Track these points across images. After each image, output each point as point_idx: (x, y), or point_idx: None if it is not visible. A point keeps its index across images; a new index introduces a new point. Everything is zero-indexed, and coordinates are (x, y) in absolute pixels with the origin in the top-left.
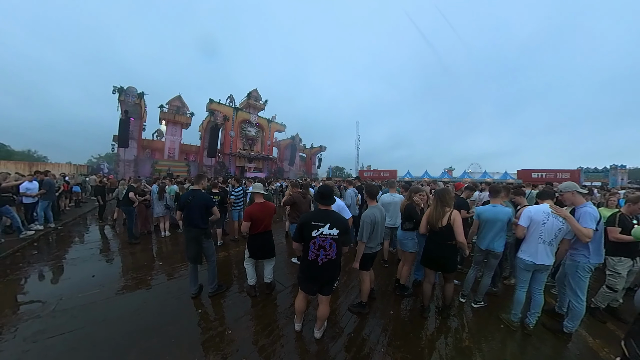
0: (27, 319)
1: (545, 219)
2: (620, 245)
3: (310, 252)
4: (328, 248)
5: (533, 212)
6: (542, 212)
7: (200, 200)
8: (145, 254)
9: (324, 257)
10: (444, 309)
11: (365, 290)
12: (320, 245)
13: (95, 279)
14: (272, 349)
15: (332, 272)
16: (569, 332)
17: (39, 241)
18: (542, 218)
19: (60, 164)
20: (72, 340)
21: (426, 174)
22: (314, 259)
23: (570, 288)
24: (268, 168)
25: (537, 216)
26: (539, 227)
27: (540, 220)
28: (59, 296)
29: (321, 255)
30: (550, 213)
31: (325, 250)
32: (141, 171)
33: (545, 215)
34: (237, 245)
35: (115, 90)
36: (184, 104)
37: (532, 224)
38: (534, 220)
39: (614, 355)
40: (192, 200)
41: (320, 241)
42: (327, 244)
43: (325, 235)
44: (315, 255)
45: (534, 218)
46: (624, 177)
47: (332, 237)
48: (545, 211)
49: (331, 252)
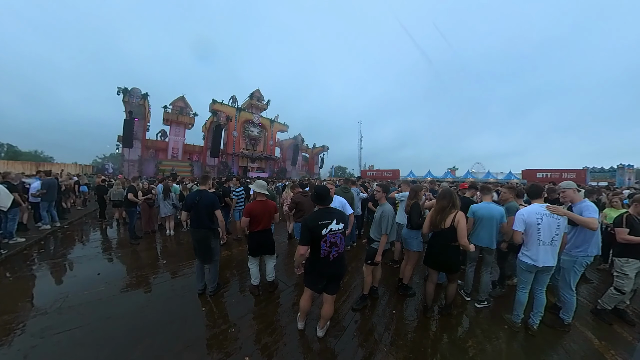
0: (34, 315)
1: (539, 220)
2: (629, 246)
3: (322, 250)
4: (339, 243)
5: (526, 215)
6: (534, 214)
7: (207, 201)
8: (150, 252)
9: (335, 252)
10: (444, 308)
11: (368, 283)
12: (332, 242)
13: (101, 276)
14: (275, 347)
15: (341, 267)
16: (567, 324)
17: (46, 240)
18: (535, 219)
19: (66, 164)
20: (79, 337)
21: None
22: (326, 255)
23: (564, 281)
24: (271, 168)
25: (530, 218)
26: (535, 229)
27: (535, 222)
28: (66, 293)
29: (333, 251)
30: (543, 213)
31: (337, 246)
32: (145, 171)
33: (539, 215)
34: (239, 244)
35: (120, 91)
36: (187, 104)
37: (527, 227)
38: (529, 223)
39: (620, 357)
40: (199, 201)
41: (331, 238)
42: (337, 239)
43: (334, 231)
44: (327, 251)
45: (528, 220)
46: (632, 177)
47: (341, 232)
48: (538, 212)
49: (341, 246)
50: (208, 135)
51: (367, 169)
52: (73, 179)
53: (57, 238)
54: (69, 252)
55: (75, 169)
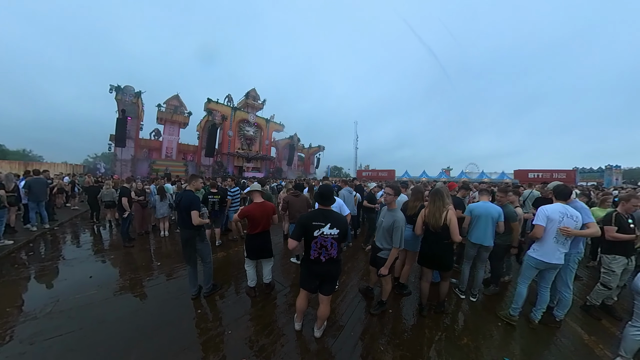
0: (23, 320)
1: (561, 219)
2: (616, 243)
3: (312, 252)
4: (330, 247)
5: (549, 212)
6: (557, 212)
7: (186, 202)
8: (144, 254)
9: (326, 255)
10: (438, 305)
11: (387, 290)
12: (322, 244)
13: (93, 279)
14: (273, 348)
15: (335, 269)
16: (559, 320)
17: (35, 242)
18: (558, 217)
19: (56, 164)
20: (70, 342)
21: (424, 174)
22: (317, 256)
23: (561, 279)
24: (266, 168)
25: (553, 215)
26: (555, 227)
27: (557, 219)
28: (56, 297)
29: (323, 254)
30: (565, 213)
31: (327, 250)
32: (139, 171)
33: (562, 214)
34: (236, 245)
35: (112, 89)
36: (181, 103)
37: (548, 224)
38: (551, 219)
39: (608, 351)
40: (181, 201)
41: (322, 241)
42: (328, 243)
43: (326, 235)
44: (318, 254)
45: (551, 217)
46: (619, 177)
47: (333, 237)
48: (561, 211)
49: (332, 251)
50: (203, 134)
51: (362, 169)
52: (64, 179)
53: (46, 240)
54: (59, 254)
55: (66, 168)
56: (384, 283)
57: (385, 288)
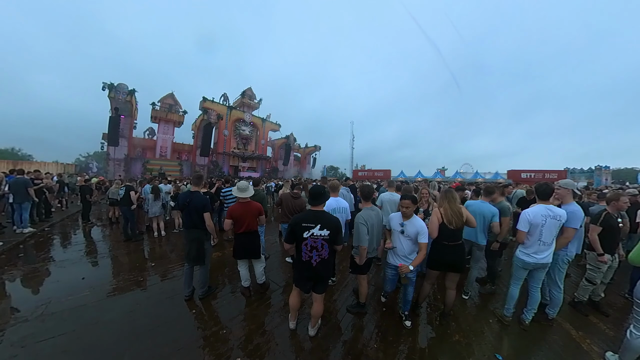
0: (14, 323)
1: (543, 222)
2: (602, 241)
3: (303, 254)
4: (320, 248)
5: (532, 216)
6: (540, 215)
7: (198, 203)
8: (137, 254)
9: (317, 257)
10: (443, 315)
11: (364, 292)
12: (312, 246)
13: (85, 281)
14: (267, 347)
15: (326, 271)
16: (551, 318)
17: (25, 243)
18: (540, 221)
19: (46, 163)
20: (63, 344)
21: (419, 173)
22: (308, 259)
23: (551, 279)
24: (262, 167)
25: (536, 219)
26: (539, 230)
27: (540, 223)
28: (48, 299)
29: (314, 256)
30: (547, 214)
31: (318, 251)
32: (132, 170)
33: (544, 217)
34: (231, 245)
35: (105, 86)
36: (176, 101)
37: (531, 228)
38: (533, 224)
39: (595, 346)
40: (190, 202)
41: (312, 242)
42: (318, 244)
43: (316, 236)
44: (309, 256)
45: (533, 222)
46: (608, 177)
47: (324, 238)
48: (543, 213)
49: (323, 252)
50: (198, 133)
51: (358, 169)
52: (54, 179)
53: (37, 241)
54: (50, 255)
55: (57, 167)
56: (359, 285)
57: (361, 291)
